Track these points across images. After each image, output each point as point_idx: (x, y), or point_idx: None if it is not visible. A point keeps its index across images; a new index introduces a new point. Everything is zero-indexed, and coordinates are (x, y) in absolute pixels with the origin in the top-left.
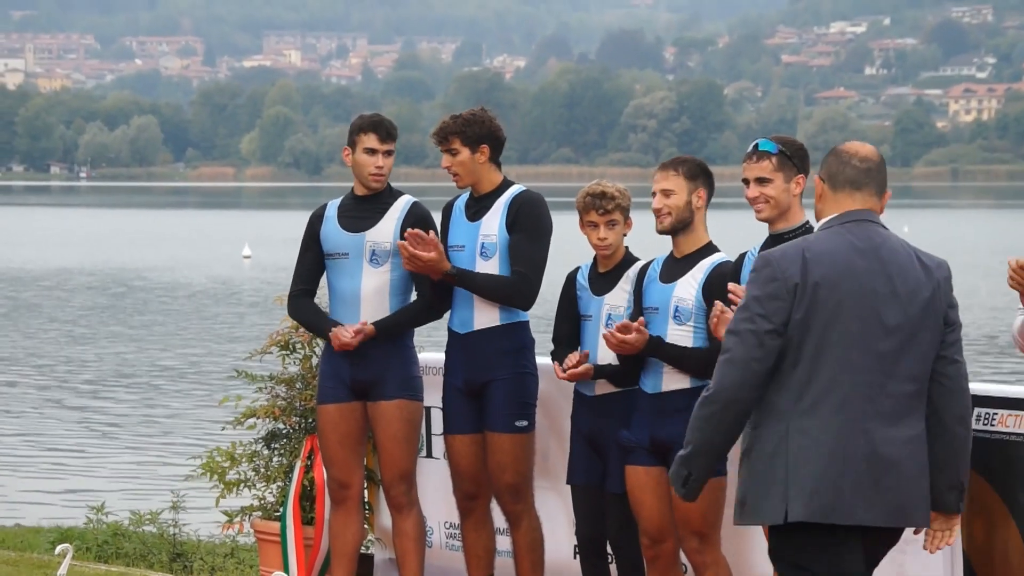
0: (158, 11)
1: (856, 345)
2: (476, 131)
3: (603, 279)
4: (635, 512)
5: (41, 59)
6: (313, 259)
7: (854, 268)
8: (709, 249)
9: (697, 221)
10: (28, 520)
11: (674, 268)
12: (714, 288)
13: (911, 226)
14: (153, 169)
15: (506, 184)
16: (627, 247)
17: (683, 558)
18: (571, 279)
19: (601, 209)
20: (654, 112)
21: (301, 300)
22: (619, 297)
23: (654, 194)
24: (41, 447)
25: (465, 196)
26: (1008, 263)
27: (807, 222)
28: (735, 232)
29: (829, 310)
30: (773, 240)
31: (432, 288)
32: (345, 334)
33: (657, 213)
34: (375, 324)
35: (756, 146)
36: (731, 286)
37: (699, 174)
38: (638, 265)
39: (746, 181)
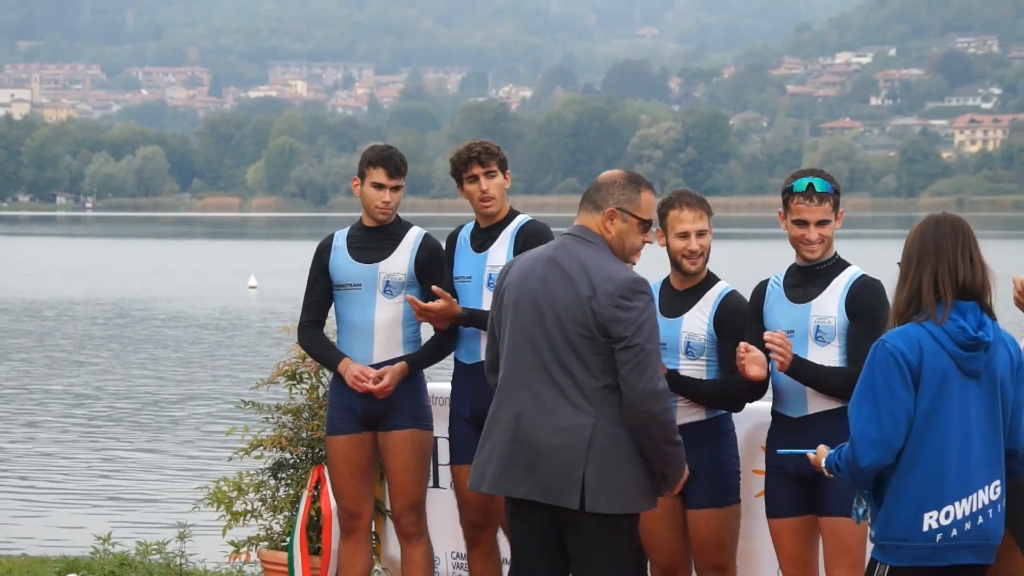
0: (164, 42)
1: (521, 343)
2: (504, 156)
3: None
4: (646, 544)
5: (47, 89)
6: (322, 290)
7: (529, 274)
8: (711, 280)
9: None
10: (34, 550)
11: (676, 302)
12: (725, 320)
13: None
14: (159, 199)
15: (512, 214)
16: None
17: None
18: None
19: None
20: (660, 143)
21: (311, 331)
22: None
23: (685, 235)
24: (48, 476)
25: (470, 226)
26: (1013, 281)
27: (836, 252)
28: (736, 262)
29: (509, 310)
30: (803, 271)
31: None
32: (365, 383)
33: (691, 255)
34: (407, 360)
35: (813, 187)
36: (768, 335)
37: (710, 209)
38: None
39: (802, 222)
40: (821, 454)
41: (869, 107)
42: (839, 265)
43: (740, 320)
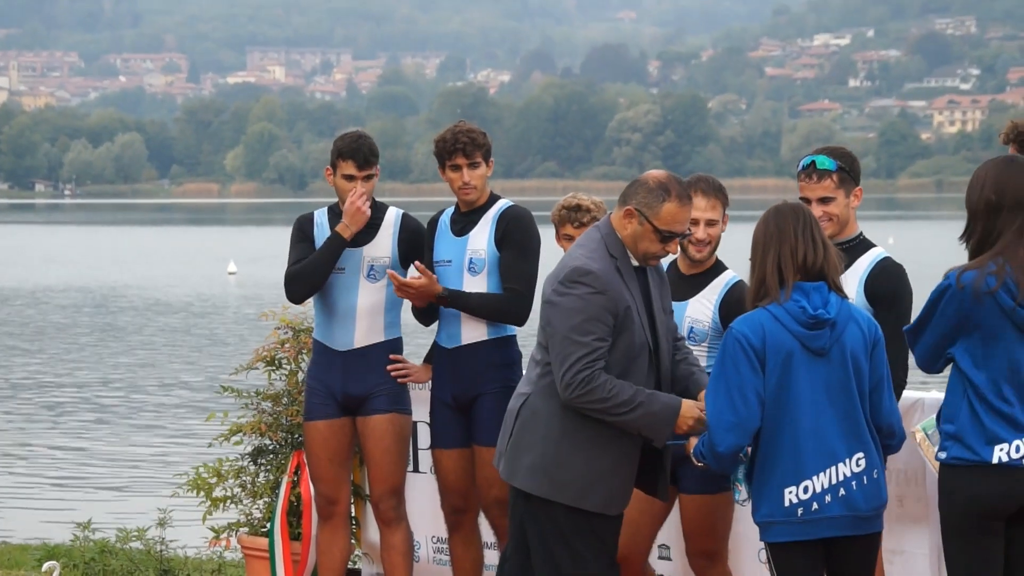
0: (142, 28)
1: None
2: (489, 144)
3: None
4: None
5: (25, 77)
6: (308, 249)
7: None
8: (718, 267)
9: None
10: (15, 538)
11: (682, 286)
12: (731, 308)
13: (896, 237)
14: (138, 186)
15: (493, 198)
16: None
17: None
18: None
19: (577, 222)
20: (638, 126)
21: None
22: None
23: (694, 221)
24: (27, 464)
25: (451, 211)
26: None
27: (861, 232)
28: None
29: None
30: None
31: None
32: (355, 202)
33: (697, 243)
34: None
35: (814, 164)
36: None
37: (727, 198)
38: None
39: (806, 200)
40: (691, 445)
41: (848, 89)
42: (863, 245)
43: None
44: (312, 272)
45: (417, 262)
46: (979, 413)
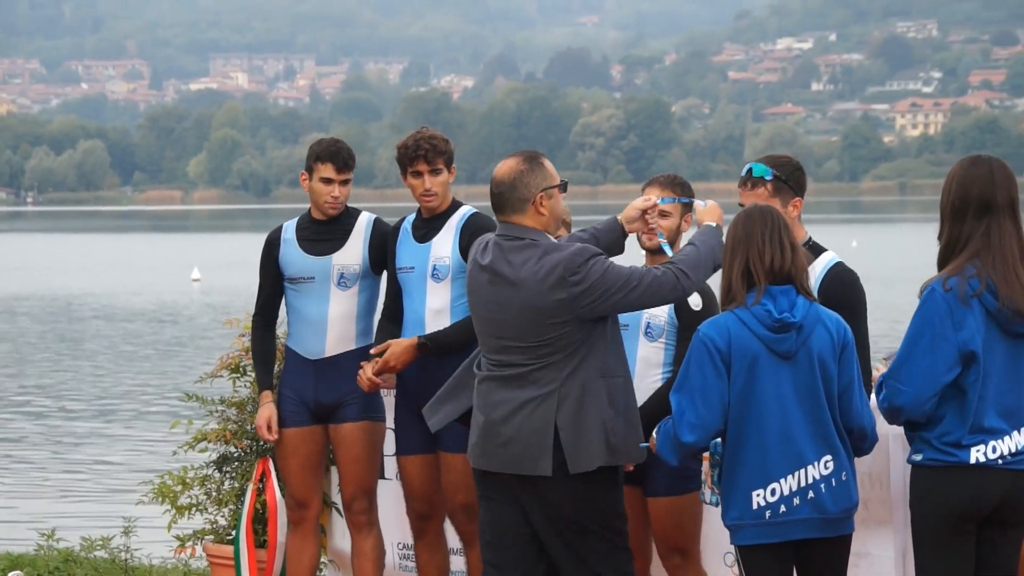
0: (103, 35)
1: (481, 338)
2: (451, 150)
3: None
4: None
5: None
6: (273, 283)
7: (474, 279)
8: None
9: (679, 241)
10: None
11: None
12: (686, 306)
13: (859, 240)
14: (100, 193)
15: (455, 204)
16: None
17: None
18: None
19: None
20: (602, 130)
21: (264, 334)
22: None
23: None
24: None
25: (412, 217)
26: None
27: (810, 238)
28: None
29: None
30: None
31: None
32: (263, 434)
33: (649, 232)
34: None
35: (750, 171)
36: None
37: (688, 192)
38: None
39: (743, 207)
40: (654, 443)
41: (811, 92)
42: (813, 251)
43: (702, 311)
44: (252, 358)
45: (373, 349)
46: (956, 414)
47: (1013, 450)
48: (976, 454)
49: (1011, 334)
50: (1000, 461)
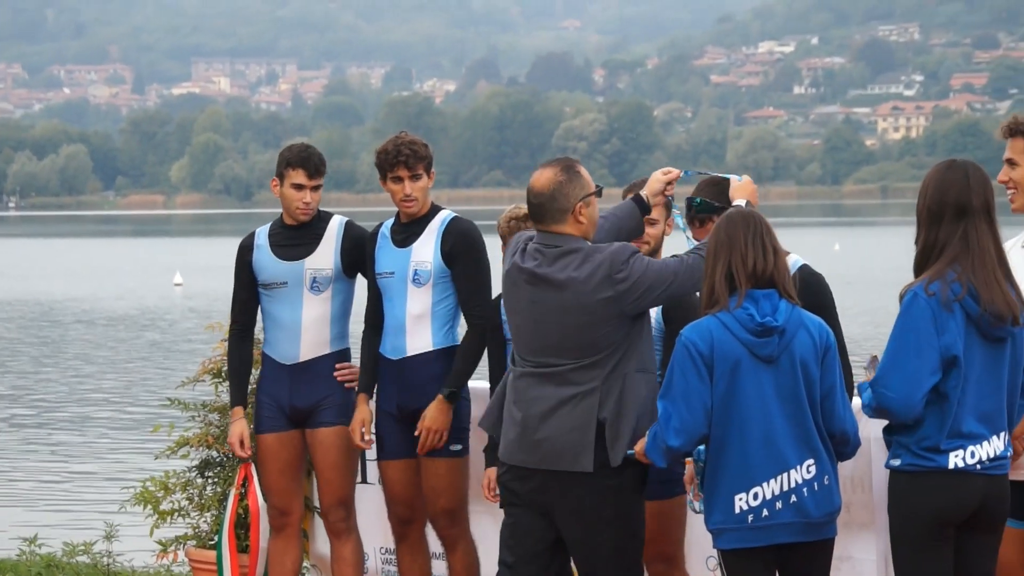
0: (86, 40)
1: (517, 344)
2: (430, 155)
3: None
4: None
5: None
6: (248, 290)
7: (514, 282)
8: None
9: (662, 248)
10: None
11: None
12: (674, 311)
13: (842, 243)
14: (83, 198)
15: (435, 209)
16: None
17: None
18: (495, 307)
19: None
20: (584, 134)
21: (239, 345)
22: None
23: None
24: None
25: (390, 222)
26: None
27: None
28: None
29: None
30: None
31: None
32: (236, 450)
33: (638, 243)
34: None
35: (691, 200)
36: None
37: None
38: None
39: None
40: (640, 448)
41: (792, 96)
42: None
43: (685, 312)
44: (228, 367)
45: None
46: (936, 419)
47: (991, 455)
48: (955, 459)
49: (990, 339)
50: (978, 466)
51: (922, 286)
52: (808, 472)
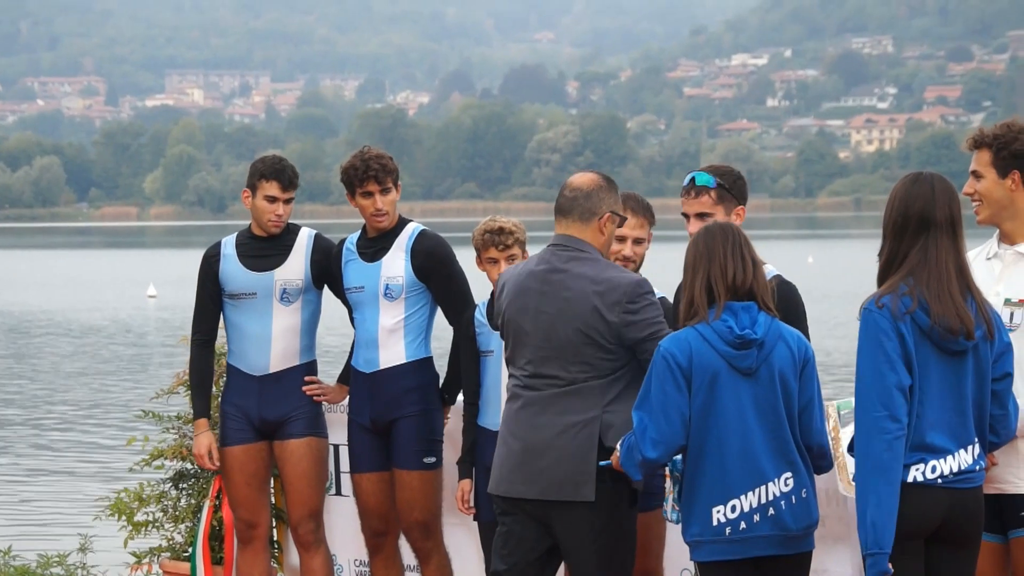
0: (60, 51)
1: (518, 350)
2: (397, 169)
3: None
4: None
5: None
6: (213, 301)
7: (523, 287)
8: None
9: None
10: None
11: None
12: None
13: (815, 256)
14: (56, 210)
15: (402, 222)
16: None
17: None
18: (469, 319)
19: (501, 245)
20: (558, 146)
21: (202, 354)
22: None
23: (622, 239)
24: None
25: (355, 237)
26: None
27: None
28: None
29: (507, 323)
30: None
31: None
32: (204, 463)
33: (624, 260)
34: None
35: (693, 180)
36: None
37: (654, 217)
38: None
39: (686, 216)
40: (616, 459)
41: (766, 108)
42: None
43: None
44: (190, 381)
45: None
46: None
47: (956, 469)
48: (914, 473)
49: (947, 352)
50: (940, 480)
51: (873, 300)
52: (786, 485)
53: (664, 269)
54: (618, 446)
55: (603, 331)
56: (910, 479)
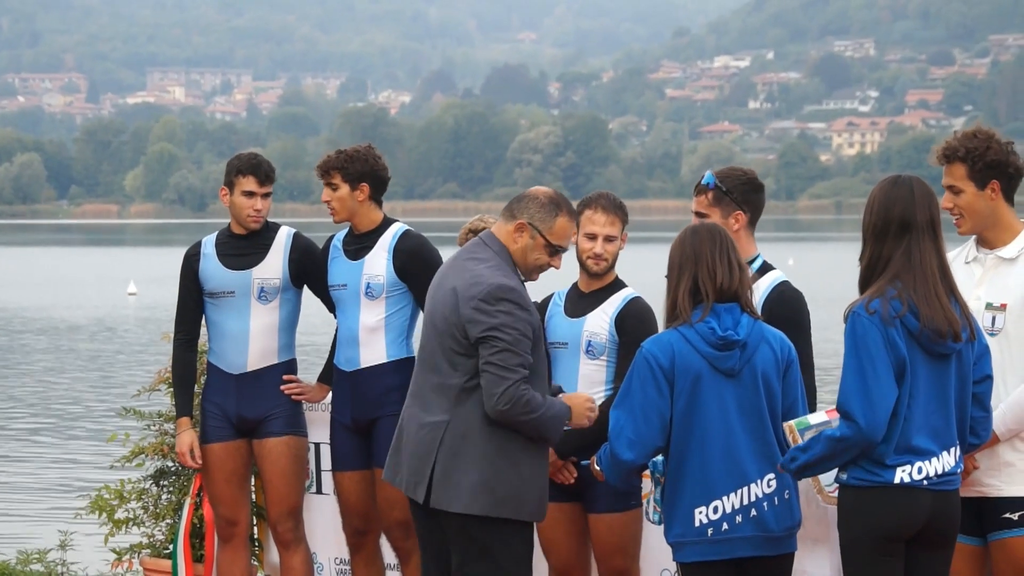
0: (41, 48)
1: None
2: (358, 168)
3: None
4: (544, 550)
5: None
6: (194, 300)
7: (439, 273)
8: (617, 284)
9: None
10: None
11: (581, 303)
12: (627, 321)
13: (796, 258)
14: (36, 207)
15: (387, 222)
16: None
17: None
18: None
19: None
20: (539, 147)
21: (184, 355)
22: None
23: (593, 236)
24: None
25: (342, 234)
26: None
27: (759, 255)
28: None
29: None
30: None
31: None
32: (186, 461)
33: (596, 258)
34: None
35: (701, 178)
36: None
37: (626, 216)
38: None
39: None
40: (594, 459)
41: (748, 110)
42: (761, 268)
43: (641, 325)
44: (172, 380)
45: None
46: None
47: (940, 471)
48: (901, 474)
49: (934, 354)
50: (925, 482)
51: (863, 305)
52: (768, 486)
53: (639, 268)
54: (598, 452)
55: (455, 323)
56: (897, 480)
